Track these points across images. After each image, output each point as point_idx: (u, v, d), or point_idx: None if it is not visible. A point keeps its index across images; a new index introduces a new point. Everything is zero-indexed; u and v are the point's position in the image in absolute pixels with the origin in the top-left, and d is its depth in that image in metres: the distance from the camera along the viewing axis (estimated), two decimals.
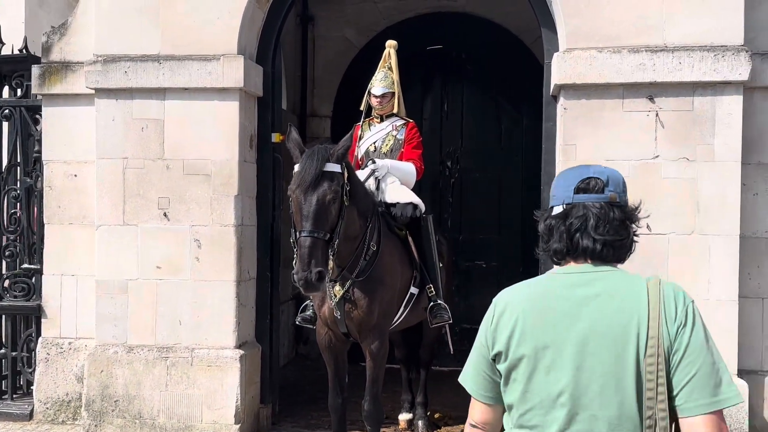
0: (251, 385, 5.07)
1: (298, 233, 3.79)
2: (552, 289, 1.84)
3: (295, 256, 3.81)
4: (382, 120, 5.11)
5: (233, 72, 4.86)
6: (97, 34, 5.02)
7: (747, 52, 4.41)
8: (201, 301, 4.94)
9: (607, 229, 1.82)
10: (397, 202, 4.77)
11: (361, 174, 4.76)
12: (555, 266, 1.95)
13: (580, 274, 1.84)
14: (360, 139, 5.12)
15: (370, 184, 4.76)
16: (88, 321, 5.18)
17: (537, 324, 1.80)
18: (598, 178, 1.86)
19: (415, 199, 4.85)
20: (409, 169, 4.97)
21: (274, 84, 5.29)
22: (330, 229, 3.80)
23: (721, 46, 4.44)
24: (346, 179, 3.92)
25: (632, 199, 1.94)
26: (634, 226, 1.87)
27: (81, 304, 5.25)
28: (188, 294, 4.94)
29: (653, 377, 1.70)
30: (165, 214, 4.96)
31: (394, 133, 5.07)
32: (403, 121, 5.13)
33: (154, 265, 4.96)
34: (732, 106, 4.45)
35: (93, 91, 5.03)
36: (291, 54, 7.41)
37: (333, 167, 3.84)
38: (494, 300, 1.95)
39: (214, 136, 4.93)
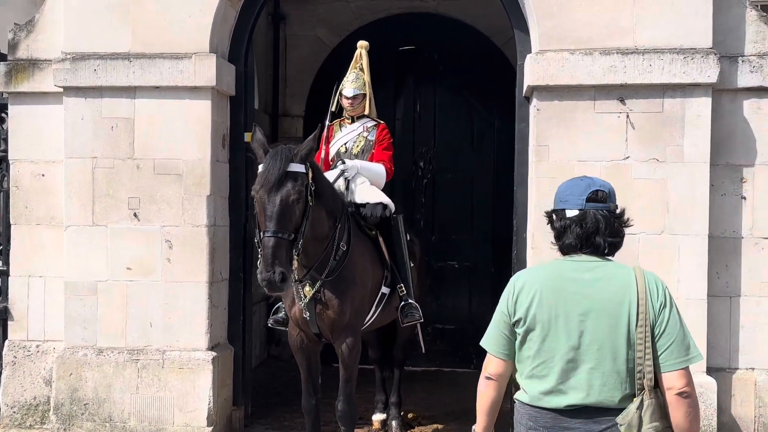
0: (224, 387, 5.02)
1: (261, 233, 3.76)
2: (564, 272, 2.40)
3: (259, 256, 3.78)
4: (353, 121, 5.11)
5: (205, 70, 4.81)
6: (66, 32, 4.94)
7: (715, 54, 4.49)
8: (172, 302, 4.88)
9: (611, 232, 2.39)
10: (367, 203, 4.77)
11: (331, 174, 4.76)
12: (561, 255, 2.47)
13: (586, 262, 2.39)
14: (331, 139, 5.11)
15: (340, 185, 4.75)
16: (56, 323, 5.08)
17: (551, 298, 2.36)
18: (603, 191, 2.41)
19: (385, 199, 4.85)
20: (379, 170, 4.98)
21: (246, 83, 5.25)
22: (294, 229, 3.78)
23: (691, 48, 4.51)
24: (310, 179, 3.90)
25: None
26: (624, 229, 2.45)
27: (49, 306, 5.15)
28: (159, 295, 4.88)
29: (642, 342, 2.29)
30: (135, 215, 4.89)
31: (365, 134, 5.08)
32: (374, 123, 5.13)
33: (124, 266, 4.89)
34: (701, 108, 4.53)
35: (61, 90, 4.94)
36: (262, 53, 7.36)
37: (297, 167, 3.82)
38: (512, 280, 2.49)
39: (185, 136, 4.87)
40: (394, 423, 5.31)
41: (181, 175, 4.87)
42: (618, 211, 2.41)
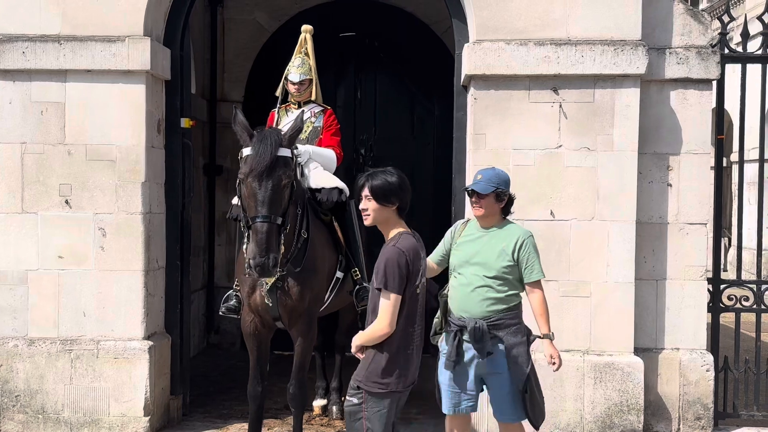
0: (161, 377, 4.96)
1: (250, 218, 3.73)
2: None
3: (245, 241, 3.76)
4: (299, 106, 5.08)
5: (139, 54, 4.71)
6: None
7: (644, 46, 4.64)
8: (106, 291, 4.79)
9: None
10: (323, 188, 4.77)
11: None
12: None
13: None
14: (276, 125, 5.07)
15: None
16: None
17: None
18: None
19: (340, 183, 4.86)
20: (330, 155, 4.99)
21: (182, 67, 5.16)
22: (283, 213, 3.80)
23: (621, 40, 4.65)
24: (295, 163, 3.91)
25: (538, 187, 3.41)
26: None
27: None
28: (93, 284, 4.78)
29: None
30: (67, 202, 4.77)
31: (312, 119, 5.07)
32: (321, 108, 5.13)
33: (55, 255, 4.77)
34: (630, 98, 4.68)
35: None
36: (199, 37, 7.23)
37: (285, 152, 3.84)
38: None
39: (119, 121, 4.77)
40: (334, 408, 5.34)
41: (114, 161, 4.77)
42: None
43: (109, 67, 4.73)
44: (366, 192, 3.26)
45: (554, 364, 3.61)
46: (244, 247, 3.81)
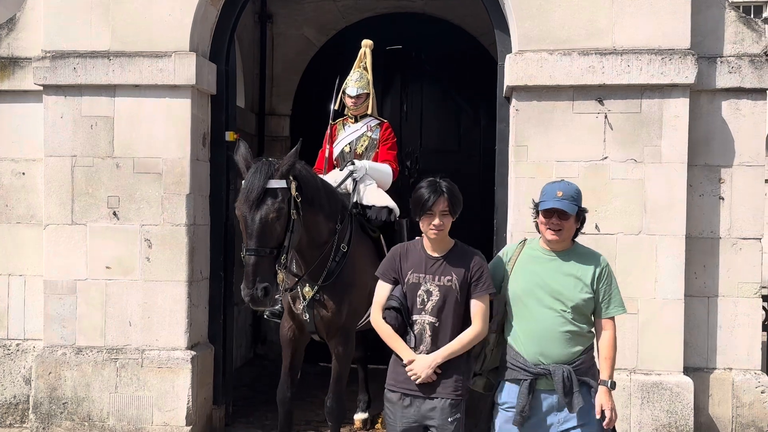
0: (203, 387, 5.02)
1: (244, 250, 3.75)
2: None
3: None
4: (356, 120, 5.10)
5: (185, 69, 4.81)
6: (46, 30, 4.93)
7: (693, 55, 4.49)
8: (152, 301, 4.88)
9: None
10: (373, 205, 4.76)
11: (339, 175, 4.75)
12: None
13: None
14: (335, 138, 5.10)
15: (348, 185, 4.74)
16: (36, 322, 5.09)
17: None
18: None
19: (391, 203, 4.84)
20: (386, 170, 4.99)
21: (228, 82, 5.24)
22: (276, 244, 3.74)
23: (669, 49, 4.51)
24: (293, 193, 3.86)
25: (583, 200, 3.15)
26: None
27: (29, 305, 5.15)
28: (138, 294, 4.88)
29: None
30: (115, 213, 4.89)
31: (369, 133, 5.08)
32: (378, 122, 5.14)
33: (103, 265, 4.89)
34: (679, 108, 4.53)
35: (41, 88, 4.94)
36: (249, 52, 7.35)
37: (277, 183, 3.74)
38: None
39: (165, 134, 4.87)
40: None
41: (160, 173, 4.87)
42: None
43: (156, 82, 4.84)
44: (444, 207, 3.08)
45: (603, 418, 3.01)
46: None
